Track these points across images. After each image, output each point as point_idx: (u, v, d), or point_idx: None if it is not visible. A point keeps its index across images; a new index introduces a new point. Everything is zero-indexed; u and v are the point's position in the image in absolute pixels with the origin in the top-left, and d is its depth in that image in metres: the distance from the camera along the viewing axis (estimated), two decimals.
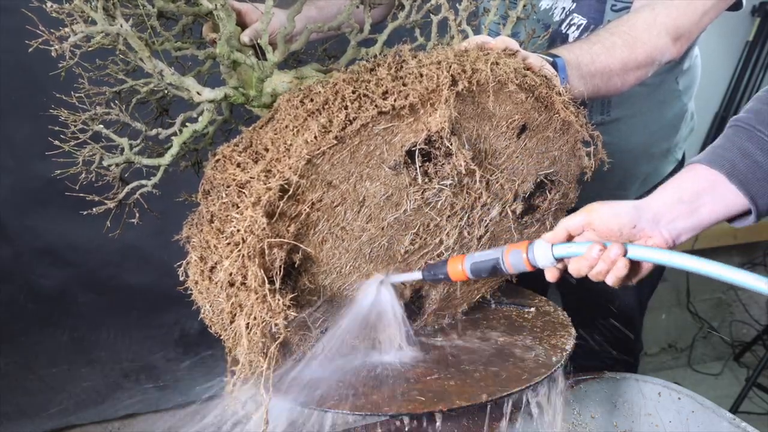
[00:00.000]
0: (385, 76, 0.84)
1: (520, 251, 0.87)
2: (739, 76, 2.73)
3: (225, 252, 0.81)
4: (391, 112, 0.82)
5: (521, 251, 0.87)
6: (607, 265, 0.83)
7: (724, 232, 2.77)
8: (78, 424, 2.06)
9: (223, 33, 1.00)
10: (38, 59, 0.93)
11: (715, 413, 1.09)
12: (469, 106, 0.88)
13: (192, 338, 2.16)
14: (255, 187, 0.80)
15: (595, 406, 1.17)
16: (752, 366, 2.78)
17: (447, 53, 0.89)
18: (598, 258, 0.83)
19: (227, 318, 0.82)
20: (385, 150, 0.85)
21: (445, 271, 0.92)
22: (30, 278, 1.94)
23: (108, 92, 1.08)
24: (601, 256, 0.82)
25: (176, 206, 1.09)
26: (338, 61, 1.16)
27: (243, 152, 0.87)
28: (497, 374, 0.95)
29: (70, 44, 0.85)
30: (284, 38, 1.05)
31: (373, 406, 0.88)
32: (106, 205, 1.00)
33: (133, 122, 1.00)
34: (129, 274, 2.03)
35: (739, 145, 0.84)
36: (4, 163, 1.82)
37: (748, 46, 2.71)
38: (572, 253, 0.85)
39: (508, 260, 0.87)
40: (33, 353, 1.99)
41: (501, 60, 0.88)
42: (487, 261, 0.89)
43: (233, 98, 1.03)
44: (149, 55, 0.92)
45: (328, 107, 0.82)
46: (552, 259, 0.85)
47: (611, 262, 0.82)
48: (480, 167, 0.92)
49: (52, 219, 1.89)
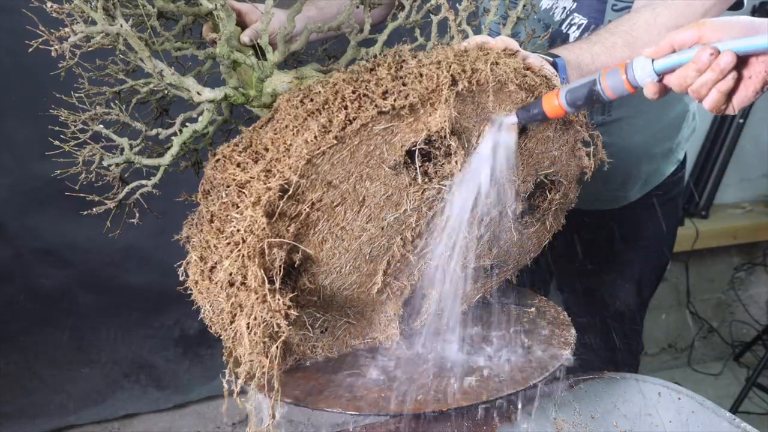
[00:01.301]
0: (385, 75, 0.84)
1: (619, 70, 0.81)
2: None
3: (225, 252, 0.81)
4: (390, 111, 0.82)
5: (620, 70, 0.81)
6: (716, 74, 0.75)
7: (724, 232, 2.77)
8: (78, 424, 2.07)
9: (223, 33, 1.00)
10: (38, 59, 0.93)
11: (715, 413, 1.09)
12: (469, 106, 0.88)
13: (192, 338, 2.16)
14: (255, 187, 0.80)
15: (595, 406, 1.17)
16: (752, 366, 2.78)
17: (447, 53, 0.88)
18: (709, 63, 0.74)
19: (227, 318, 0.82)
20: (385, 150, 0.85)
21: (540, 108, 0.87)
22: (30, 278, 1.94)
23: (108, 92, 1.09)
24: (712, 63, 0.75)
25: (176, 206, 1.09)
26: (338, 61, 1.16)
27: (243, 152, 0.87)
28: (497, 374, 0.95)
29: (70, 44, 0.85)
30: (284, 38, 1.05)
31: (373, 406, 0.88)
32: (106, 205, 1.00)
33: (133, 122, 1.00)
34: (129, 274, 2.03)
35: None
36: (4, 163, 1.82)
37: None
38: (676, 62, 0.77)
39: (605, 82, 0.82)
40: (33, 353, 1.99)
41: (501, 60, 0.88)
42: (583, 86, 0.84)
43: (233, 98, 1.03)
44: (149, 55, 0.92)
45: (328, 107, 0.82)
46: (653, 75, 0.79)
47: (721, 71, 0.75)
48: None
49: (52, 219, 1.89)
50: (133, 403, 2.13)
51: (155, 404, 2.15)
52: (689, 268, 2.93)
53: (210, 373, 2.19)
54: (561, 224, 1.12)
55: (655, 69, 0.79)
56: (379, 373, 0.96)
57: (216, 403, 2.20)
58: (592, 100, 0.84)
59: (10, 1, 1.50)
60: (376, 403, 0.88)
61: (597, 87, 0.82)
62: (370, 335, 1.04)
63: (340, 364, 0.98)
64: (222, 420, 2.14)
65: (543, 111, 0.87)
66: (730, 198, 3.00)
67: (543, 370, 0.96)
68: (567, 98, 0.85)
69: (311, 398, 0.90)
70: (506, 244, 1.07)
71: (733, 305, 3.12)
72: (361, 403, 0.88)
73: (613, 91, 0.82)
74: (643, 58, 0.79)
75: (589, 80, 0.83)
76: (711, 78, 0.75)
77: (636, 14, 1.13)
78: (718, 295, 3.11)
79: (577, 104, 0.84)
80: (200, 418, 2.17)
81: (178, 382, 2.17)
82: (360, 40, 1.11)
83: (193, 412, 2.18)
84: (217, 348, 2.21)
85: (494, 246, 1.06)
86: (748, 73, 0.76)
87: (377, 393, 0.91)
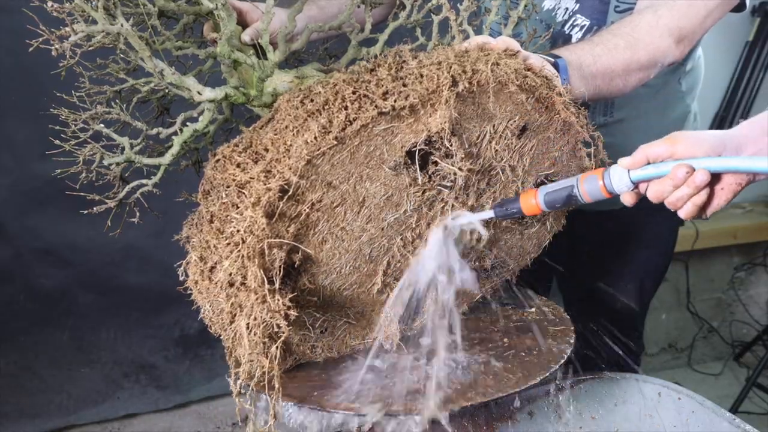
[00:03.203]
0: (385, 76, 0.84)
1: (596, 177, 0.85)
2: (739, 77, 2.73)
3: (225, 252, 0.81)
4: (391, 112, 0.82)
5: (597, 177, 0.85)
6: (691, 189, 0.80)
7: (724, 232, 2.77)
8: (78, 424, 2.07)
9: (223, 33, 1.00)
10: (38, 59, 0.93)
11: (715, 413, 1.09)
12: (470, 107, 0.88)
13: (192, 338, 2.16)
14: (255, 187, 0.80)
15: (595, 406, 1.17)
16: (752, 366, 2.78)
17: (447, 54, 0.88)
18: (684, 179, 0.79)
19: (227, 318, 0.82)
20: (385, 150, 0.85)
21: (517, 206, 0.90)
22: (30, 278, 1.94)
23: (109, 91, 1.08)
24: (687, 180, 0.79)
25: (176, 206, 1.09)
26: (339, 61, 1.16)
27: (243, 152, 0.87)
28: (497, 374, 0.95)
29: (71, 44, 0.85)
30: (285, 38, 1.05)
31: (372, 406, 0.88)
32: (106, 204, 1.00)
33: (133, 121, 1.00)
34: (129, 274, 2.03)
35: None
36: (4, 163, 1.82)
37: (748, 46, 2.71)
38: (652, 174, 0.81)
39: (583, 187, 0.86)
40: (33, 353, 1.99)
41: (502, 60, 0.88)
42: (561, 190, 0.87)
43: (234, 98, 1.03)
44: (150, 55, 0.92)
45: (328, 108, 0.82)
46: (629, 184, 0.83)
47: (696, 187, 0.79)
48: (480, 167, 0.92)
49: (52, 219, 1.89)
50: (133, 403, 2.13)
51: (155, 404, 2.15)
52: (689, 268, 2.93)
53: (210, 373, 2.19)
54: (562, 225, 1.12)
55: (632, 179, 0.83)
56: (379, 373, 0.96)
57: (216, 403, 2.19)
58: (569, 203, 0.87)
59: (10, 1, 1.50)
60: (375, 403, 0.88)
61: (575, 192, 0.86)
62: (370, 335, 1.04)
63: (340, 364, 0.98)
64: (222, 420, 2.14)
65: (520, 208, 0.91)
66: None
67: (543, 369, 0.96)
68: (545, 200, 0.89)
69: (311, 398, 0.90)
70: (506, 245, 1.07)
71: (733, 305, 3.12)
72: (361, 403, 0.88)
73: (590, 196, 0.86)
74: (620, 168, 0.84)
75: (568, 184, 0.87)
76: (687, 193, 0.81)
77: (638, 16, 1.13)
78: (718, 295, 3.11)
79: (555, 206, 0.88)
80: (200, 418, 2.17)
81: (178, 382, 2.17)
82: (361, 39, 1.11)
83: (193, 412, 2.18)
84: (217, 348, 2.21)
85: (494, 247, 1.06)
86: (720, 186, 0.82)
87: (377, 393, 0.91)
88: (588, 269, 1.57)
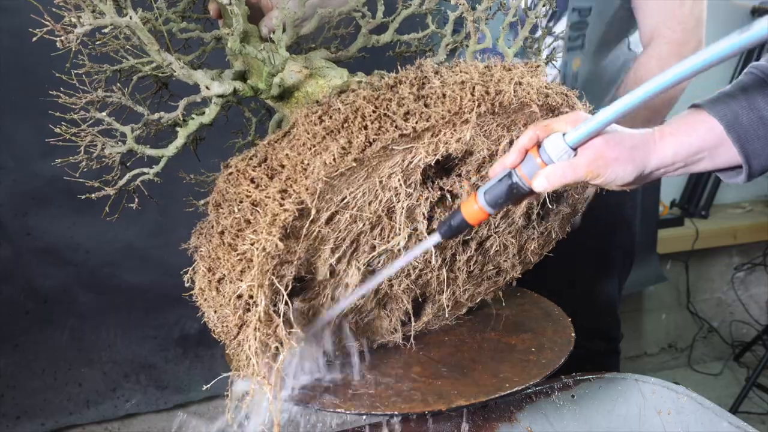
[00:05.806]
0: (407, 95, 0.81)
1: (532, 156, 0.79)
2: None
3: (234, 267, 0.79)
4: (412, 134, 0.80)
5: (533, 156, 0.79)
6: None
7: (724, 231, 2.77)
8: (78, 424, 2.07)
9: (235, 29, 0.98)
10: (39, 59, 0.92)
11: (715, 413, 1.09)
12: (490, 125, 0.87)
13: (192, 338, 2.16)
14: (270, 207, 0.78)
15: (595, 406, 1.17)
16: (752, 366, 2.78)
17: (471, 72, 0.86)
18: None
19: (233, 330, 0.82)
20: (402, 169, 0.84)
21: (460, 218, 0.83)
22: (30, 278, 1.93)
23: (108, 70, 1.04)
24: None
25: (176, 207, 1.08)
26: (348, 48, 1.13)
27: (257, 167, 0.84)
28: (497, 374, 0.95)
29: (77, 36, 0.82)
30: (293, 23, 1.03)
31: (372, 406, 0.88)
32: (105, 191, 0.98)
33: (134, 105, 0.97)
34: (129, 274, 2.02)
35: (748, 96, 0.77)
36: (4, 163, 1.82)
37: None
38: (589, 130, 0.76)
39: (521, 171, 0.80)
40: (33, 353, 1.99)
41: (524, 80, 0.86)
42: (499, 183, 0.81)
43: (242, 92, 1.01)
44: (158, 49, 0.90)
45: (347, 127, 0.79)
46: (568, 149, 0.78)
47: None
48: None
49: (52, 219, 1.88)
50: (133, 404, 2.12)
51: (155, 404, 2.14)
52: (689, 268, 2.94)
53: (210, 373, 2.19)
54: (565, 234, 1.12)
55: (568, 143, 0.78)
56: (379, 373, 0.96)
57: (216, 403, 2.19)
58: (513, 194, 0.81)
59: (11, 1, 1.49)
60: (375, 403, 0.88)
61: (514, 179, 0.80)
62: (372, 337, 1.04)
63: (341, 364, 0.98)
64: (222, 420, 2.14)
65: (464, 219, 0.83)
66: (730, 198, 3.00)
67: (543, 369, 0.97)
68: (486, 199, 0.82)
69: (311, 398, 0.90)
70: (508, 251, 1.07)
71: (733, 305, 3.12)
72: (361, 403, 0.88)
73: (530, 177, 0.79)
74: (553, 137, 0.78)
75: (503, 174, 0.81)
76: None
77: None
78: (718, 295, 3.11)
79: (498, 203, 0.81)
80: (200, 418, 2.17)
81: (178, 382, 2.17)
82: (371, 27, 1.09)
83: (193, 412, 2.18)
84: (217, 348, 2.21)
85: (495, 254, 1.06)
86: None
87: (377, 393, 0.91)
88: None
